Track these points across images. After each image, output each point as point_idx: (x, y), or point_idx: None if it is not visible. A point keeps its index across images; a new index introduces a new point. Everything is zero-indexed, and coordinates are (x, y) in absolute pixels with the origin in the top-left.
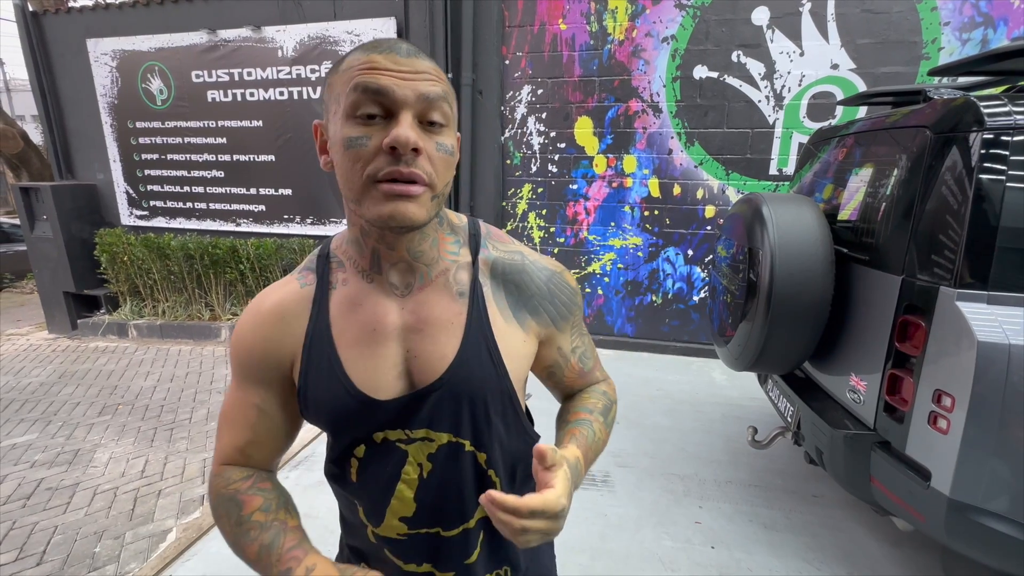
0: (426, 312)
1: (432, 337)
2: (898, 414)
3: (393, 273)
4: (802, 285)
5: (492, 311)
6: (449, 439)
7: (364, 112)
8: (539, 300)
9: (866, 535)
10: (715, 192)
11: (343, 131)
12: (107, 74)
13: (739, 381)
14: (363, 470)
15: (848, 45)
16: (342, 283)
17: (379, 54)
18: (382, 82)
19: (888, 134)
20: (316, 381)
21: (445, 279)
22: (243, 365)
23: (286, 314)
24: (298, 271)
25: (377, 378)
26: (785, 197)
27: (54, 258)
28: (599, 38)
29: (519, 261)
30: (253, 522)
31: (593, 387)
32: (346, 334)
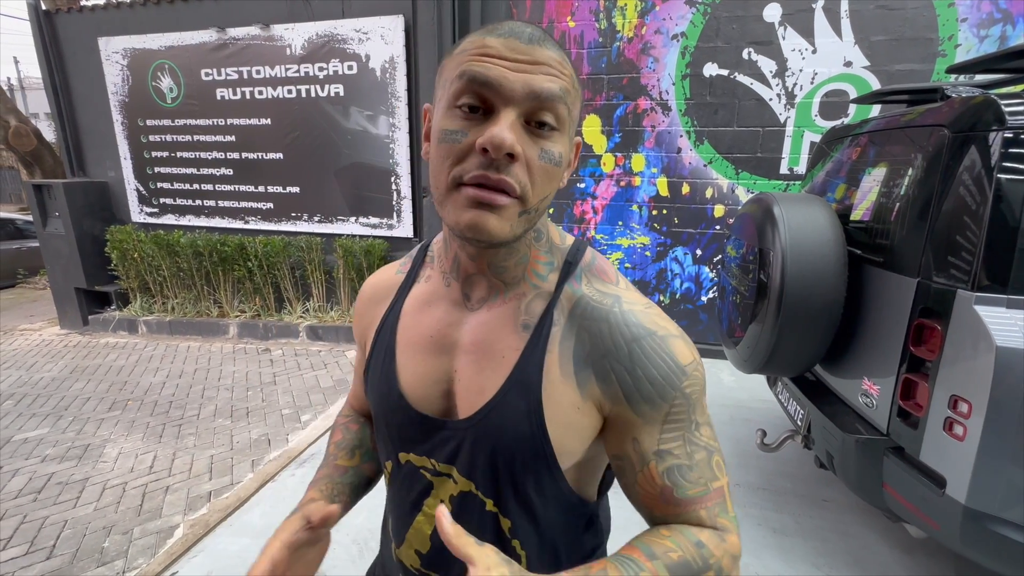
0: (483, 335)
1: (478, 364)
2: (912, 419)
3: (469, 284)
4: (814, 287)
5: (551, 358)
6: (470, 489)
7: (465, 103)
8: (612, 362)
9: (877, 541)
10: (724, 191)
11: (441, 122)
12: (118, 72)
13: (747, 383)
14: (392, 484)
15: (862, 42)
16: (426, 279)
17: (496, 38)
18: (491, 72)
19: (904, 133)
20: (375, 368)
21: (517, 304)
22: (353, 329)
23: (376, 296)
24: (403, 258)
25: (421, 388)
26: (797, 197)
27: (66, 254)
28: (608, 35)
29: (607, 305)
30: (328, 452)
31: (688, 527)
32: (409, 333)
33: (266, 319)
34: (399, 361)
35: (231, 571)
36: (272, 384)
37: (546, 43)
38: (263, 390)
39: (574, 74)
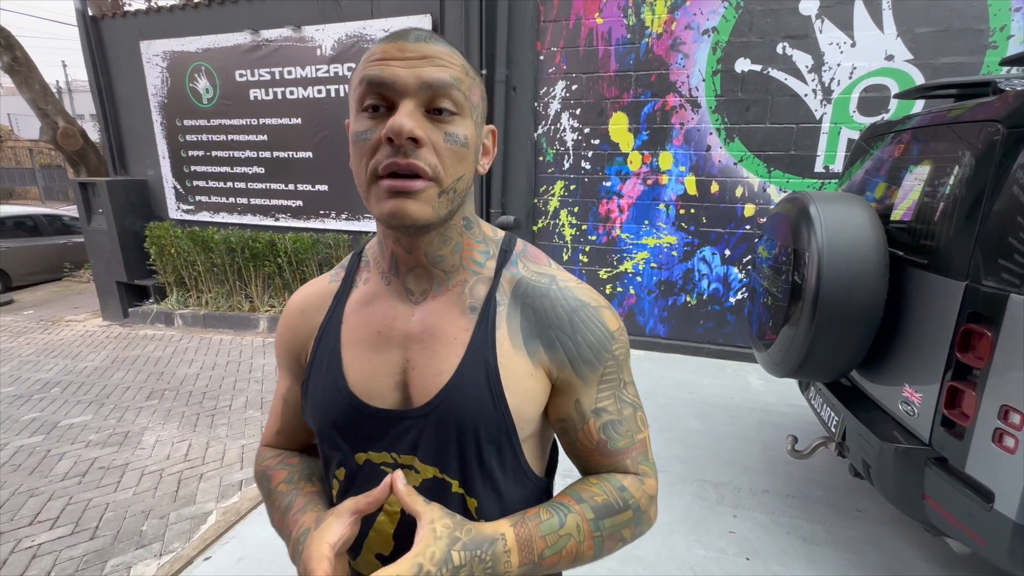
0: (432, 322)
1: (432, 350)
2: (957, 429)
3: (410, 277)
4: (852, 289)
5: (501, 333)
6: (435, 474)
7: (369, 104)
8: (556, 332)
9: (916, 556)
10: (755, 190)
11: (353, 126)
12: (158, 74)
13: (777, 387)
14: (344, 492)
15: (905, 34)
16: (364, 282)
17: (389, 43)
18: (384, 73)
19: (951, 129)
20: (316, 376)
21: (460, 290)
22: (277, 355)
23: (308, 308)
24: (335, 268)
25: (373, 383)
26: (834, 196)
27: (108, 249)
28: (636, 32)
29: (545, 284)
30: (278, 493)
31: (613, 475)
32: (353, 333)
33: None
34: (346, 361)
35: (261, 558)
36: None
37: (432, 39)
38: None
39: (466, 64)
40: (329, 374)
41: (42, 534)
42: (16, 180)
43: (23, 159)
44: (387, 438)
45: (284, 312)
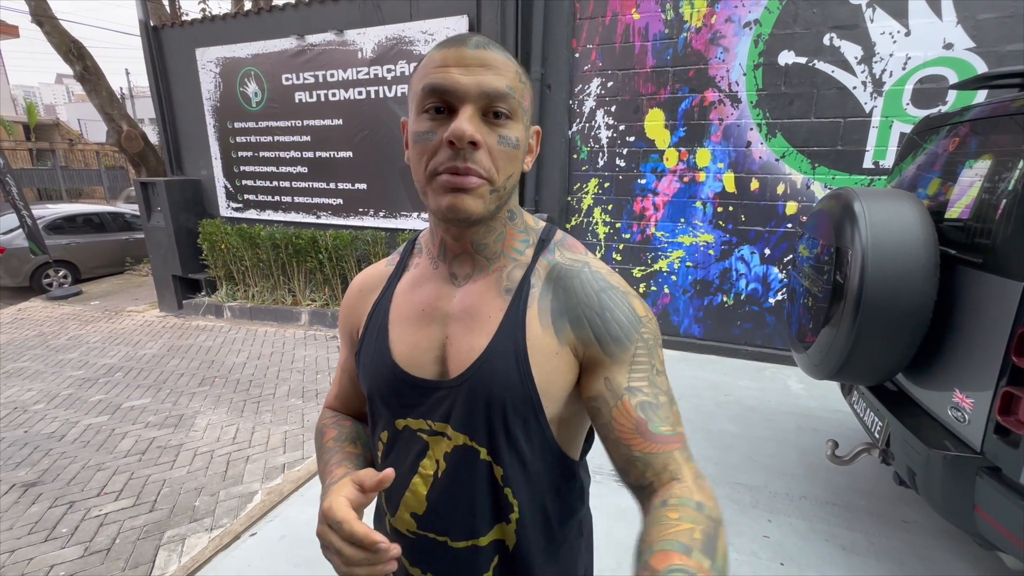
0: (470, 302)
1: (468, 327)
2: (1012, 437)
3: (455, 263)
4: (899, 289)
5: (531, 313)
6: (464, 441)
7: (431, 106)
8: (584, 309)
9: (966, 570)
10: (798, 187)
11: (414, 126)
12: (211, 79)
13: (818, 391)
14: (387, 454)
15: (966, 21)
16: (415, 267)
17: (449, 49)
18: (446, 80)
19: (1014, 121)
20: (367, 348)
21: (499, 275)
22: (339, 330)
23: (365, 288)
24: (392, 255)
25: (414, 356)
26: (881, 192)
27: (165, 245)
28: (675, 26)
29: (578, 267)
30: (326, 447)
31: (677, 495)
32: (400, 310)
33: (334, 308)
34: (392, 336)
35: (303, 536)
36: None
37: (490, 46)
38: (331, 374)
39: (520, 69)
40: (377, 346)
41: (108, 505)
42: (84, 181)
43: (91, 161)
44: (424, 406)
45: (347, 292)
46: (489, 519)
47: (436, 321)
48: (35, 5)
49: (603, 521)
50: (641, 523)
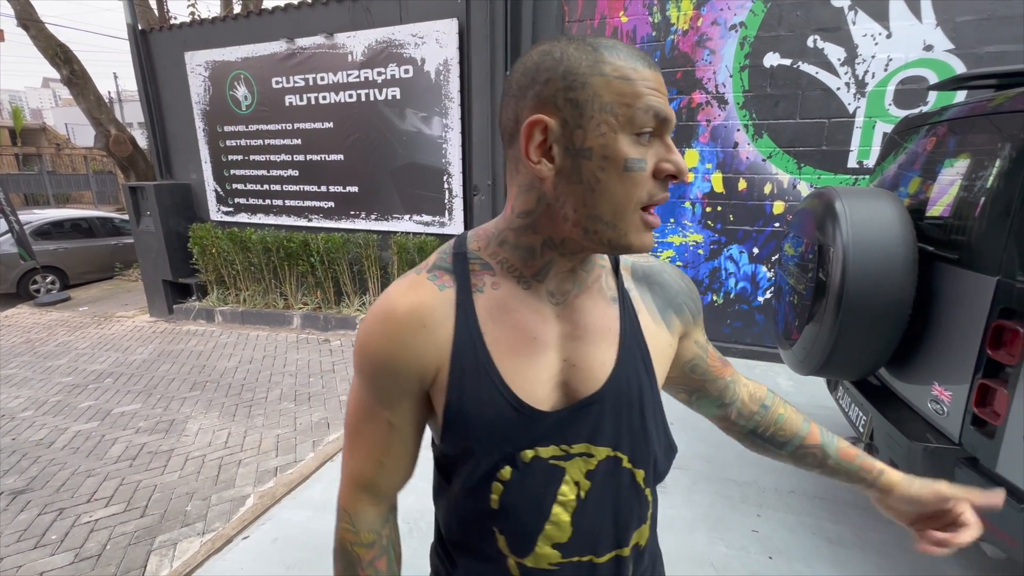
0: (584, 319)
1: (592, 344)
2: (988, 428)
3: (554, 281)
4: (879, 285)
5: (643, 316)
6: (608, 454)
7: (647, 133)
8: (683, 298)
9: (949, 561)
10: (785, 187)
11: (623, 149)
12: (201, 83)
13: (807, 388)
14: (510, 493)
15: (945, 23)
16: (491, 287)
17: (649, 70)
18: (667, 110)
19: (989, 120)
20: (472, 392)
21: (599, 285)
22: (377, 376)
23: (427, 320)
24: (427, 271)
25: (537, 388)
26: (861, 191)
27: (155, 249)
28: (662, 29)
29: (655, 262)
30: None
31: (761, 396)
32: (501, 342)
33: (326, 311)
34: (505, 371)
35: (295, 539)
36: (331, 372)
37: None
38: (323, 377)
39: None
40: (490, 387)
41: (98, 511)
42: (72, 185)
43: (78, 166)
44: (556, 435)
45: (386, 326)
46: (634, 524)
47: (549, 347)
48: (20, 9)
49: None
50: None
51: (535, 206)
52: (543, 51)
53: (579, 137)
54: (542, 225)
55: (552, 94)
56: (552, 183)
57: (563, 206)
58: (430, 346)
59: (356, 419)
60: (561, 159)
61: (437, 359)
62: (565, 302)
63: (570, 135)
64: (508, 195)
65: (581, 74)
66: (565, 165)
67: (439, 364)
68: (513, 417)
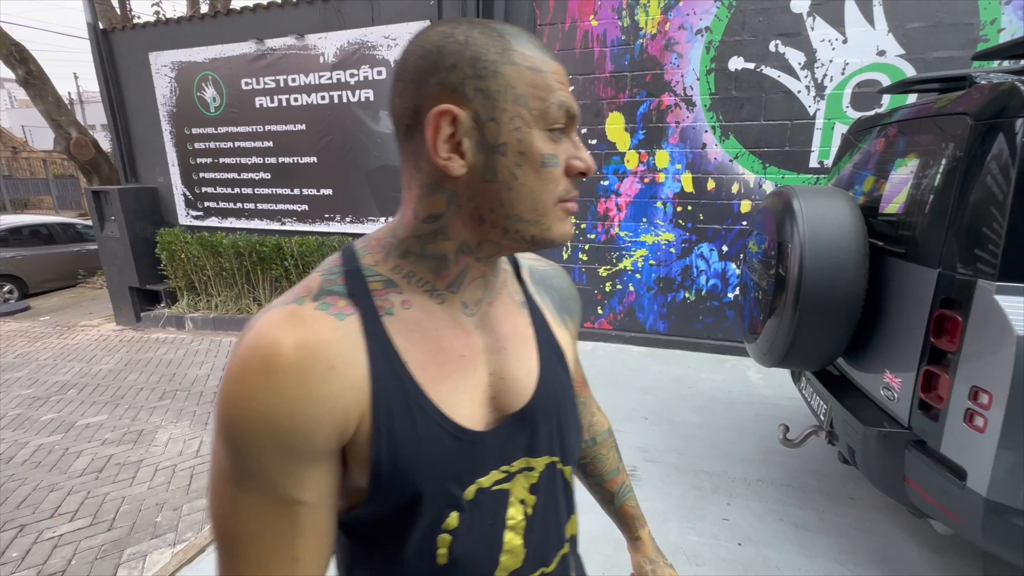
0: (502, 328)
1: (516, 354)
2: (933, 412)
3: (469, 290)
4: (833, 279)
5: (549, 318)
6: (547, 462)
7: (558, 128)
8: (573, 303)
9: (905, 540)
10: (751, 186)
11: (538, 144)
12: (167, 84)
13: (775, 380)
14: (460, 542)
15: (896, 30)
16: (402, 306)
17: (556, 63)
18: (574, 105)
19: (931, 122)
20: (405, 432)
21: (507, 290)
22: (275, 447)
23: (335, 359)
24: (312, 299)
25: (473, 410)
26: (817, 190)
27: (121, 255)
28: (631, 33)
29: (547, 266)
30: None
31: (598, 431)
32: (429, 367)
33: None
34: (438, 399)
35: None
36: None
37: None
38: None
39: None
40: (424, 420)
41: (62, 526)
42: (31, 190)
43: (37, 170)
44: (496, 457)
45: (281, 378)
46: (568, 519)
47: (478, 362)
48: None
49: None
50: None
51: (444, 208)
52: (444, 33)
53: (492, 131)
54: (455, 229)
55: (459, 82)
56: (464, 182)
57: (478, 206)
58: (347, 391)
59: (245, 517)
60: (474, 155)
61: (357, 404)
62: (479, 312)
63: (482, 129)
64: (405, 197)
65: (491, 61)
66: (478, 162)
67: (360, 410)
68: (456, 448)
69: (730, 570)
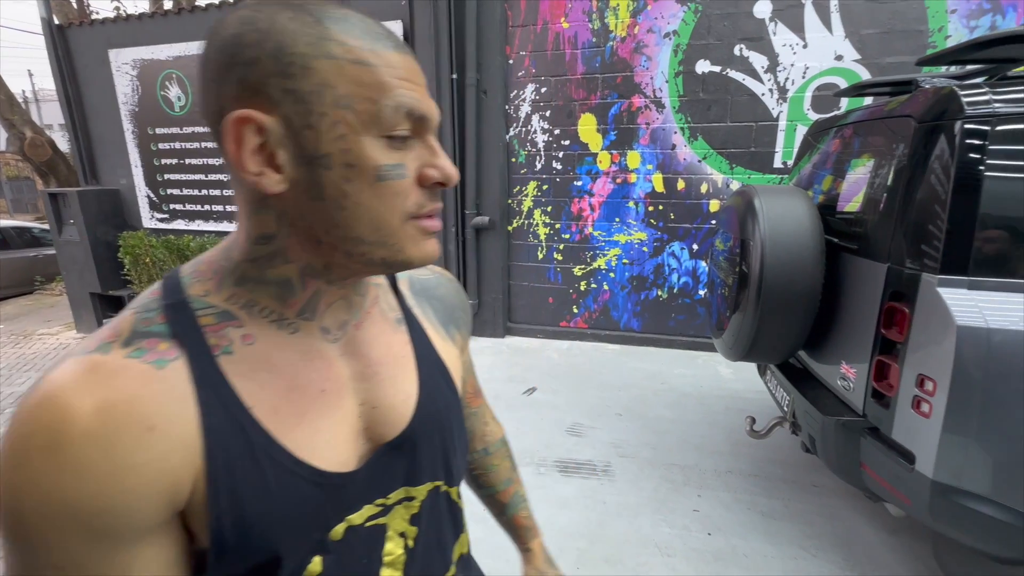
0: (373, 351)
1: (390, 379)
2: (885, 400)
3: (328, 315)
4: (792, 275)
5: (430, 333)
6: (430, 488)
7: (401, 135)
8: (460, 311)
9: (864, 524)
10: (719, 186)
11: (373, 155)
12: (128, 83)
13: (744, 374)
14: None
15: (852, 36)
16: (242, 342)
17: (395, 53)
18: (423, 105)
19: (882, 124)
20: (253, 488)
21: (379, 308)
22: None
23: (155, 418)
24: (122, 345)
25: (339, 448)
26: (777, 189)
27: (81, 260)
28: (601, 35)
29: (430, 275)
30: None
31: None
32: (281, 410)
33: None
34: (292, 447)
35: None
36: None
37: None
38: None
39: None
40: (275, 471)
41: None
42: None
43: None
44: (370, 492)
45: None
46: (455, 540)
47: (344, 394)
48: None
49: (546, 509)
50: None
51: (275, 228)
52: (243, 18)
53: (310, 140)
54: (294, 251)
55: (261, 81)
56: (290, 199)
57: (311, 227)
58: (172, 452)
59: None
60: (292, 169)
61: (188, 466)
62: (345, 336)
63: (298, 137)
64: (238, 213)
65: (300, 55)
66: (299, 176)
67: (193, 472)
68: (316, 495)
69: (700, 560)
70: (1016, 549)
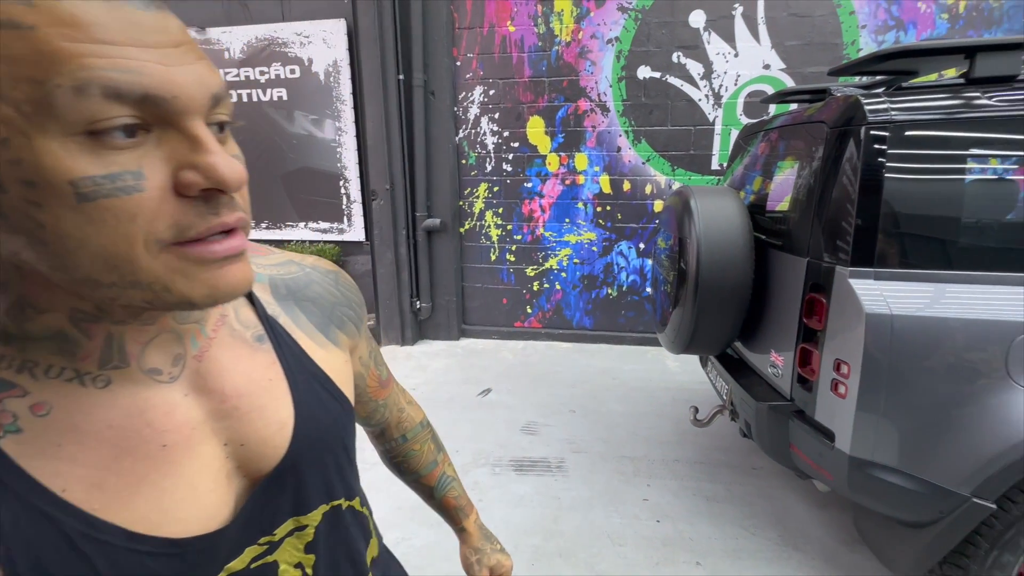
0: (227, 382)
1: (256, 410)
2: (808, 384)
3: (150, 354)
4: (725, 271)
5: (304, 342)
6: (324, 510)
7: (120, 125)
8: (342, 309)
9: (795, 501)
10: (663, 187)
11: (65, 164)
12: None
13: (690, 367)
14: None
15: (778, 46)
16: (33, 414)
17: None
18: (146, 78)
19: (801, 128)
20: None
21: (228, 328)
22: None
23: None
24: None
25: (200, 503)
26: (711, 189)
27: None
28: (547, 40)
29: (299, 272)
30: None
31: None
32: (107, 482)
33: None
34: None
35: None
36: None
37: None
38: None
39: None
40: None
41: None
42: None
43: None
44: (250, 535)
45: None
46: (364, 550)
47: (199, 438)
48: None
49: (502, 508)
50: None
51: (1, 274)
52: None
53: (21, 155)
54: (42, 298)
55: None
56: None
57: (34, 267)
58: None
59: None
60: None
61: None
62: (184, 372)
63: None
64: None
65: None
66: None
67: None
68: (173, 565)
69: (650, 547)
70: (921, 513)
